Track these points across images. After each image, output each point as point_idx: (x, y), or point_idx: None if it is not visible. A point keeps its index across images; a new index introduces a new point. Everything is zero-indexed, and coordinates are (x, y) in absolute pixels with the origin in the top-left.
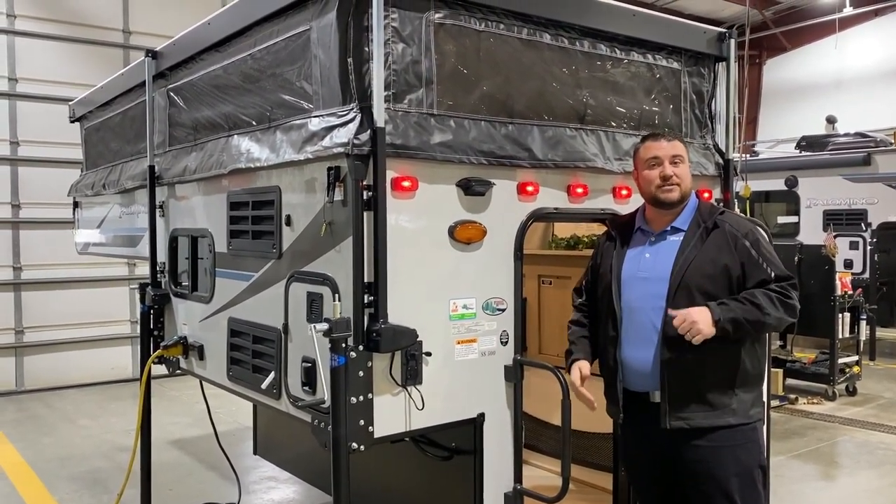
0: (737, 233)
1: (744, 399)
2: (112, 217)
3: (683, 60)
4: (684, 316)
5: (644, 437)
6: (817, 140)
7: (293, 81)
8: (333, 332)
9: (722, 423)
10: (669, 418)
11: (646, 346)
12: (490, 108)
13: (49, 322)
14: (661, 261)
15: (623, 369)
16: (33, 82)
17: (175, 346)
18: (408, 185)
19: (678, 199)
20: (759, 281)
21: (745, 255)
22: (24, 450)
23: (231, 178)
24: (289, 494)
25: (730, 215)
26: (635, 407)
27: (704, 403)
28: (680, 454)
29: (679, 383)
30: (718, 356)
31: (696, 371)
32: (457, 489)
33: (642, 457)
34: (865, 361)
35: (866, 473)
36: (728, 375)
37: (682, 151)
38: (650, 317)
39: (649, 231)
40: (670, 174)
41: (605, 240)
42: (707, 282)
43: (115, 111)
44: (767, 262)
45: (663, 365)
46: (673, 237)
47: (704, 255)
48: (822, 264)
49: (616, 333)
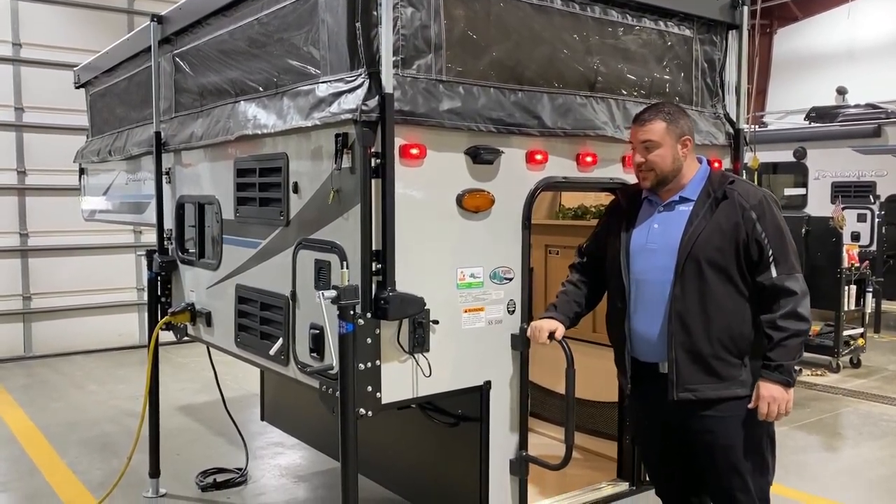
0: (745, 203)
1: (751, 371)
2: (118, 184)
3: (695, 28)
4: (767, 402)
5: (652, 407)
6: (827, 111)
7: (300, 46)
8: (341, 299)
9: (730, 395)
10: (677, 389)
11: (654, 318)
12: (499, 74)
13: (56, 289)
14: (670, 232)
15: (632, 340)
16: (37, 48)
17: (182, 313)
18: (416, 153)
19: (654, 185)
20: (762, 276)
21: (750, 228)
22: (33, 414)
23: (238, 144)
24: (296, 460)
25: (740, 184)
26: (644, 377)
27: (712, 375)
28: (687, 425)
29: (687, 355)
30: (727, 328)
31: (704, 343)
32: (463, 455)
33: (650, 427)
34: (870, 334)
35: (869, 444)
36: (736, 347)
37: (657, 134)
38: (658, 289)
39: (657, 201)
40: (640, 161)
41: (613, 208)
42: (716, 253)
43: (121, 77)
44: (772, 246)
45: (671, 337)
46: (682, 207)
47: (713, 226)
48: (829, 236)
49: (624, 305)
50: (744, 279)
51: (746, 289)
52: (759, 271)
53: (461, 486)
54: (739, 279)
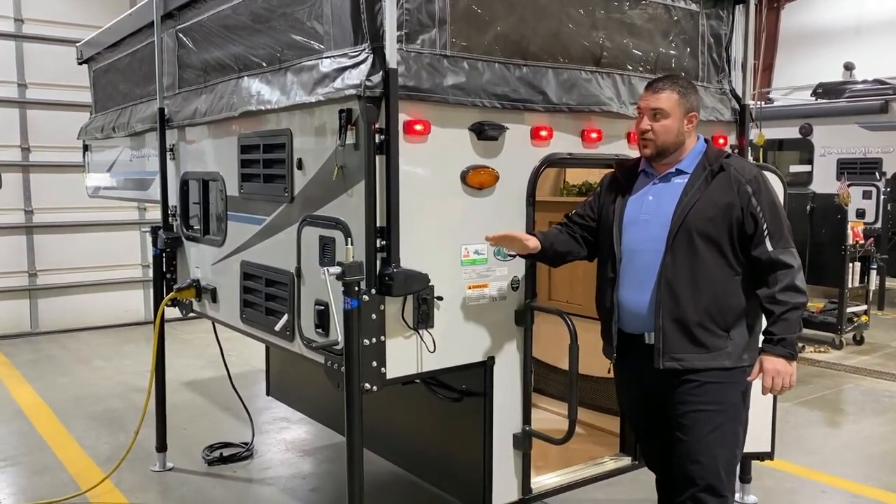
0: (741, 177)
1: (738, 343)
2: (122, 160)
3: (702, 2)
4: (771, 376)
5: (637, 377)
6: (834, 87)
7: (304, 21)
8: (346, 275)
9: (716, 366)
10: (663, 358)
11: (643, 288)
12: (504, 49)
13: (61, 265)
14: (664, 203)
15: (619, 310)
16: (40, 23)
17: (188, 289)
18: (420, 129)
19: (652, 155)
20: (757, 249)
21: (746, 202)
22: (40, 389)
23: (242, 120)
24: (301, 434)
25: (736, 159)
26: (630, 348)
27: (698, 345)
28: (670, 393)
29: (674, 324)
30: (715, 299)
31: (692, 312)
32: (466, 430)
33: (635, 397)
34: (874, 311)
35: (871, 420)
36: (724, 319)
37: (667, 104)
38: (649, 259)
39: (652, 173)
40: (643, 129)
41: (609, 181)
42: (708, 225)
43: (124, 53)
44: (767, 221)
45: (659, 305)
46: (677, 179)
47: (707, 199)
48: (834, 213)
49: (615, 275)
50: (735, 253)
51: (737, 262)
52: (754, 245)
53: (465, 460)
54: (730, 252)
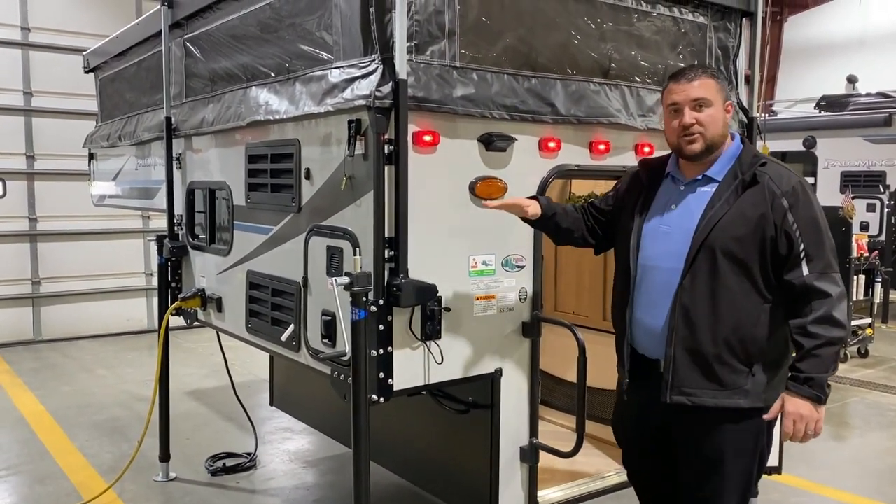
0: (776, 189)
1: (759, 381)
2: (128, 169)
3: (710, 15)
4: (793, 420)
5: (645, 404)
6: (837, 100)
7: (313, 31)
8: (354, 286)
9: (731, 405)
10: (671, 391)
11: (657, 309)
12: (513, 61)
13: (65, 273)
14: (687, 215)
15: (632, 330)
16: (46, 32)
17: (193, 299)
18: (429, 140)
19: (702, 151)
20: (790, 273)
21: (780, 218)
22: (43, 398)
23: (249, 130)
24: (304, 445)
25: (772, 167)
26: (642, 371)
27: (713, 380)
28: (677, 426)
29: (687, 354)
30: (736, 329)
31: (708, 342)
32: (473, 442)
33: (639, 425)
34: (878, 324)
35: (877, 434)
36: (745, 352)
37: (709, 92)
38: (666, 278)
39: (680, 179)
40: (690, 122)
41: (632, 181)
42: (735, 244)
43: (131, 62)
44: (805, 240)
45: (671, 332)
46: (704, 188)
47: (736, 213)
48: (838, 226)
49: (627, 291)
50: (765, 276)
51: (767, 288)
52: (789, 268)
53: (471, 472)
54: (759, 275)
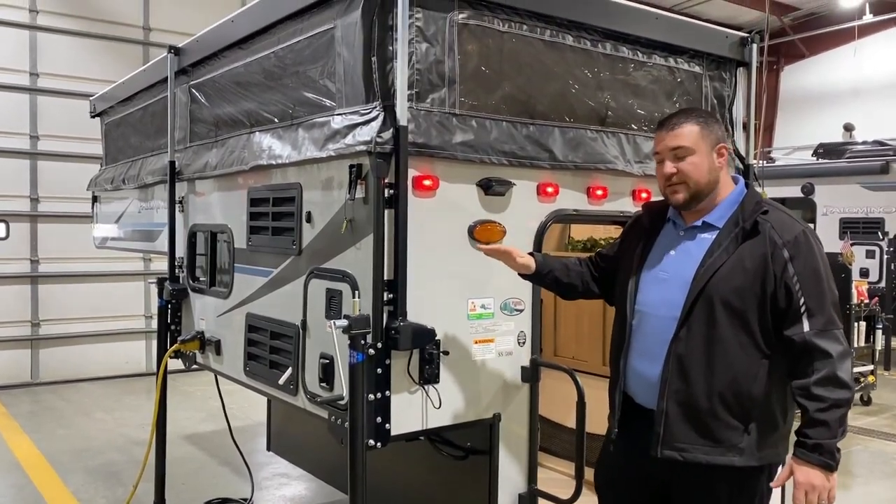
0: (777, 239)
1: (755, 438)
2: (131, 212)
3: (705, 64)
4: (804, 490)
5: (635, 455)
6: (835, 147)
7: (316, 79)
8: (353, 328)
9: (724, 463)
10: (662, 445)
11: (651, 358)
12: (512, 108)
13: (64, 315)
14: (685, 262)
15: (626, 378)
16: (54, 77)
17: (192, 341)
18: (429, 184)
19: (686, 200)
20: (790, 329)
21: (780, 269)
22: (39, 442)
23: (252, 174)
24: (301, 491)
25: (775, 214)
26: (634, 420)
27: (706, 436)
28: (669, 481)
29: (680, 408)
30: (732, 385)
31: (702, 397)
32: (471, 489)
33: (626, 477)
34: (880, 371)
35: (881, 483)
36: (741, 409)
37: (689, 139)
38: (661, 326)
39: (680, 224)
40: (670, 172)
41: (633, 225)
42: (733, 295)
43: (136, 107)
44: (805, 294)
45: (664, 384)
46: (704, 235)
47: (735, 263)
48: (838, 273)
49: (623, 338)
50: (764, 330)
51: (766, 343)
52: (789, 324)
53: None
54: (758, 329)
